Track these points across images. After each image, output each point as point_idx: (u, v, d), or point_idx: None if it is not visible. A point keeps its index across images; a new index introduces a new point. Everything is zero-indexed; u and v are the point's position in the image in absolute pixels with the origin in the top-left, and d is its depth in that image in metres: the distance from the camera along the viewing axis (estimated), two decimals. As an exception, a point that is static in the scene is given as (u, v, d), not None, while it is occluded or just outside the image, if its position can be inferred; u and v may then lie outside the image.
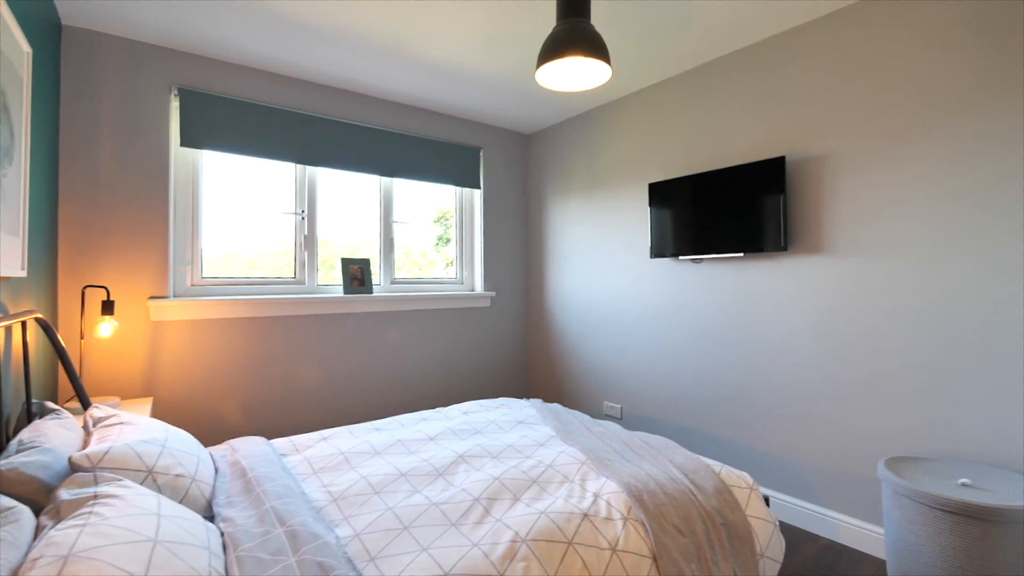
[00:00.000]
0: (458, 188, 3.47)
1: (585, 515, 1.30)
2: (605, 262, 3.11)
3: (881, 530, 1.93)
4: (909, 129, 1.86)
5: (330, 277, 2.93)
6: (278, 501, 1.28)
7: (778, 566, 1.47)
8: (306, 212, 2.80)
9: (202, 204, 2.52)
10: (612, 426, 2.03)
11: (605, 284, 3.11)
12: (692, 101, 2.62)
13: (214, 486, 1.40)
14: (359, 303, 2.88)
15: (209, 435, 2.45)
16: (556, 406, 2.31)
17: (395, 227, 3.16)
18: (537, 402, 2.36)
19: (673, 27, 2.19)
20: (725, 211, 2.37)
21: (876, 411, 1.95)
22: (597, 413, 3.16)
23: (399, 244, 3.25)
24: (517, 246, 3.68)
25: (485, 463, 1.64)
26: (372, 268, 3.06)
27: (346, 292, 2.84)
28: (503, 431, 1.97)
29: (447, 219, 3.50)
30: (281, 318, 2.64)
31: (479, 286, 3.48)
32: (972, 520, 1.38)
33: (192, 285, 2.48)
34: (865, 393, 1.98)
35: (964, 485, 1.50)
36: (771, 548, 1.46)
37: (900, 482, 1.52)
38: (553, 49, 1.39)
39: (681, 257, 2.56)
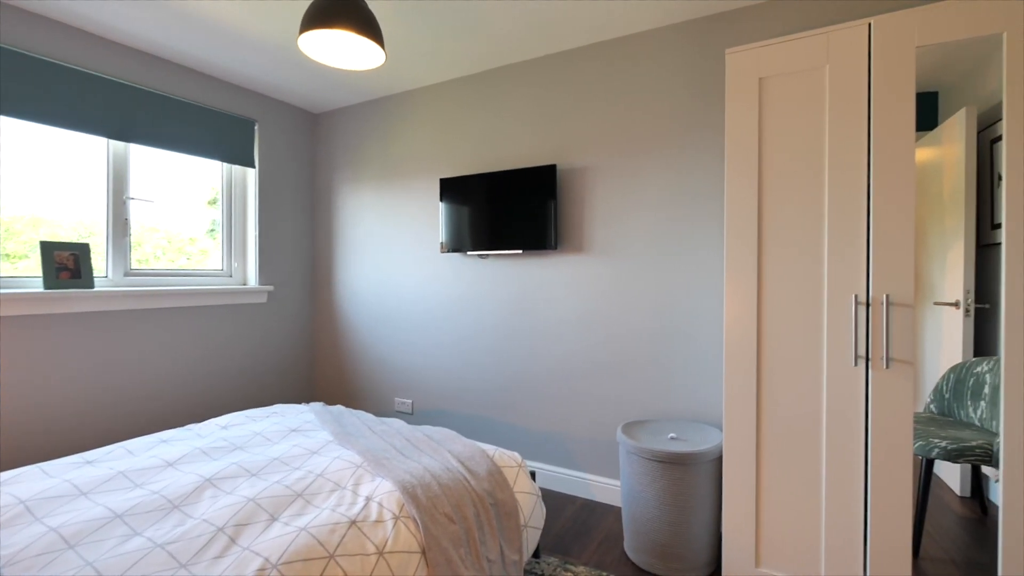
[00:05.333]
0: (226, 165, 2.97)
1: (353, 522, 1.22)
2: (398, 256, 3.04)
3: (619, 483, 2.33)
4: (646, 147, 2.27)
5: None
6: None
7: (539, 532, 1.64)
8: (-24, 175, 2.02)
9: None
10: (396, 423, 1.99)
11: (398, 278, 3.04)
12: (480, 104, 2.73)
13: None
14: (71, 301, 2.21)
15: None
16: (339, 408, 2.16)
17: (134, 205, 2.53)
18: (317, 406, 2.17)
19: (460, 30, 2.23)
20: (508, 210, 2.54)
21: (621, 385, 2.34)
22: (388, 410, 3.08)
23: (158, 228, 2.62)
24: (301, 235, 3.33)
25: (240, 484, 1.42)
26: (98, 255, 2.39)
27: (48, 287, 2.15)
28: (270, 443, 1.75)
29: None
30: (-74, 323, 1.85)
31: (252, 279, 3.04)
32: (675, 465, 1.76)
33: None
34: (614, 371, 2.36)
35: (672, 439, 1.90)
36: (534, 518, 1.61)
37: (629, 442, 1.85)
38: (317, 17, 1.25)
39: (469, 253, 2.66)
